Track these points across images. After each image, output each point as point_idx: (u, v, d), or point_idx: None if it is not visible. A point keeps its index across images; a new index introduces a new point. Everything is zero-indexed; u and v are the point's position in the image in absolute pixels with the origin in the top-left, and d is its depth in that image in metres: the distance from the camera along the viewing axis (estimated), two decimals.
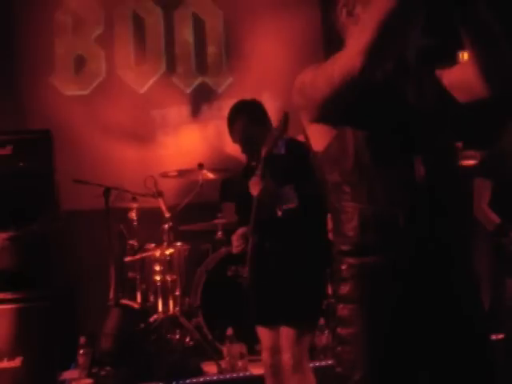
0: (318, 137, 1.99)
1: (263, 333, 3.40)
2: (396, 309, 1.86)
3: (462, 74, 1.96)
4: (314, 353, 4.66)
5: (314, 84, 1.94)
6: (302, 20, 6.41)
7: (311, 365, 4.31)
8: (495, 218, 4.12)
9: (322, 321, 4.79)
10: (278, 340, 3.29)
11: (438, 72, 2.04)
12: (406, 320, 1.84)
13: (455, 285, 1.90)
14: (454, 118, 2.02)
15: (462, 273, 1.93)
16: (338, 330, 1.91)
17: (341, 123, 1.91)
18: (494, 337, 4.51)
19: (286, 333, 3.21)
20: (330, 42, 6.47)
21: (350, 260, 1.90)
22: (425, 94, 1.97)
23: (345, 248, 1.92)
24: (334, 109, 1.90)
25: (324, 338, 4.66)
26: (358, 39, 1.75)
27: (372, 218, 1.87)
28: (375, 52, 1.71)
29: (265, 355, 3.40)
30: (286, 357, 3.20)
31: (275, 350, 3.31)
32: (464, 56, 6.48)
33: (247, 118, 3.43)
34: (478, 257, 5.06)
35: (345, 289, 1.90)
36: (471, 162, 5.00)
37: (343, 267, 1.92)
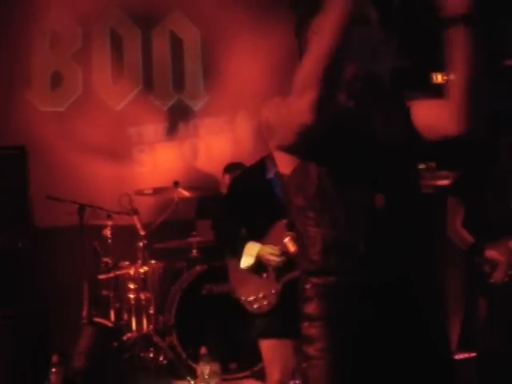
0: (284, 161, 2.04)
1: (280, 349, 3.35)
2: (358, 327, 1.89)
3: (430, 114, 2.00)
4: None
5: (275, 127, 2.01)
6: (279, 39, 6.45)
7: None
8: (468, 238, 4.17)
9: None
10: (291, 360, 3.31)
11: (408, 102, 2.08)
12: (368, 338, 1.87)
13: (413, 309, 1.93)
14: (418, 151, 2.07)
15: (421, 297, 1.95)
16: (304, 347, 1.93)
17: (305, 158, 1.96)
18: (466, 355, 4.55)
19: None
20: None
21: (314, 280, 1.95)
22: (392, 124, 2.01)
23: (309, 268, 1.96)
24: (297, 148, 1.94)
25: (299, 356, 4.65)
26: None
27: (334, 244, 1.92)
28: (320, 105, 1.79)
29: (275, 376, 3.34)
30: None
31: (287, 370, 3.32)
32: (438, 78, 6.58)
33: None
34: (451, 276, 5.13)
35: (310, 307, 1.94)
36: (445, 182, 5.06)
37: (307, 286, 1.96)
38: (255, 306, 3.31)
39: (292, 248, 3.25)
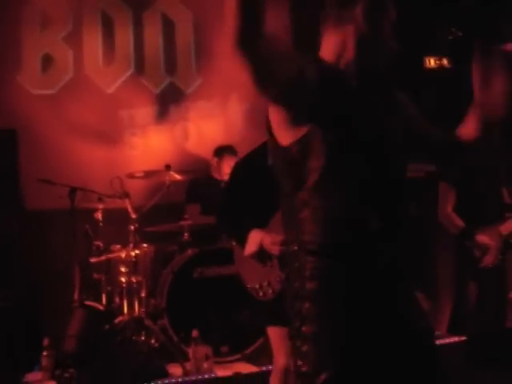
0: (285, 131, 2.00)
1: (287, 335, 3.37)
2: (358, 308, 1.90)
3: None
4: None
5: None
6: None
7: None
8: (459, 222, 4.19)
9: None
10: None
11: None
12: (367, 318, 1.88)
13: (398, 294, 2.00)
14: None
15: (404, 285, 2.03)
16: (303, 328, 1.92)
17: (314, 122, 1.93)
18: (456, 339, 4.59)
19: None
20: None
21: (316, 259, 1.92)
22: (391, 115, 2.03)
23: (312, 247, 1.94)
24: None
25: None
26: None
27: (343, 220, 1.92)
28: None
29: (281, 360, 3.32)
30: None
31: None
32: (430, 62, 6.57)
33: None
34: (442, 260, 5.15)
35: (311, 287, 1.92)
36: (436, 167, 5.06)
37: (309, 266, 1.93)
38: (260, 294, 3.29)
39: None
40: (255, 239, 3.26)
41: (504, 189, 4.28)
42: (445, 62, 6.47)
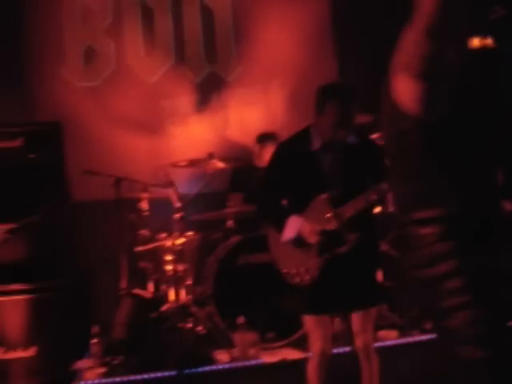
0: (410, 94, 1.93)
1: (321, 321, 3.38)
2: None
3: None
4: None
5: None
6: (311, 7, 6.39)
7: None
8: None
9: None
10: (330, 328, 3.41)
11: None
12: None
13: None
14: None
15: None
16: (446, 301, 1.89)
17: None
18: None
19: (367, 315, 3.34)
20: (339, 29, 6.45)
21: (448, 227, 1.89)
22: None
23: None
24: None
25: (336, 325, 4.67)
26: None
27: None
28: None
29: (318, 344, 3.37)
30: (369, 337, 3.37)
31: (328, 337, 3.38)
32: (474, 42, 6.44)
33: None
34: None
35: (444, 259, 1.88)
36: None
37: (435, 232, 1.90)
38: (297, 279, 3.31)
39: (333, 225, 3.24)
40: (294, 226, 3.27)
41: None
42: (489, 41, 6.34)
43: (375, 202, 3.29)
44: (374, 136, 4.86)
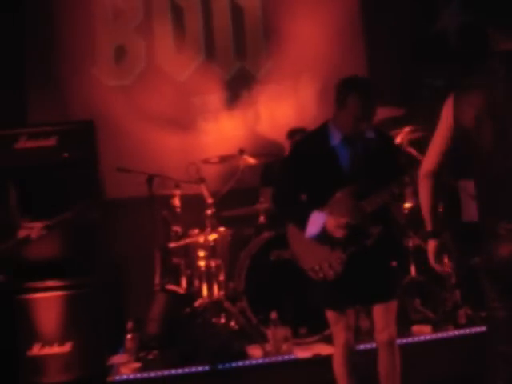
0: None
1: (344, 313, 3.40)
2: None
3: None
4: (358, 336, 4.65)
5: None
6: (340, 1, 6.36)
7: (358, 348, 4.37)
8: None
9: None
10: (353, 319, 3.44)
11: None
12: None
13: None
14: None
15: None
16: None
17: None
18: None
19: (389, 308, 3.36)
20: (368, 23, 6.41)
21: None
22: None
23: None
24: None
25: (368, 321, 4.66)
26: None
27: None
28: None
29: (341, 335, 3.42)
30: (393, 331, 3.37)
31: (351, 328, 3.42)
32: None
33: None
34: None
35: None
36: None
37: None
38: (321, 275, 3.30)
39: (357, 219, 3.23)
40: (318, 221, 3.26)
41: None
42: None
43: (397, 195, 3.29)
44: (403, 130, 4.84)
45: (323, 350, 4.41)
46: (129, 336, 4.49)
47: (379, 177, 3.26)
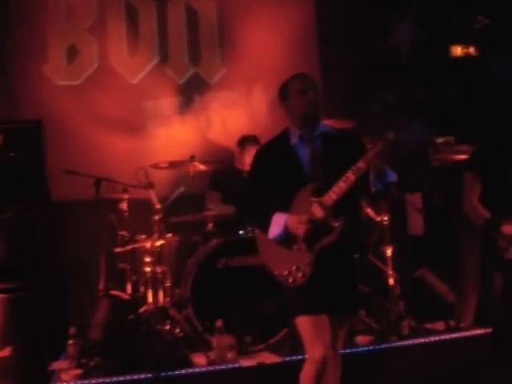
0: None
1: (319, 324, 3.25)
2: None
3: None
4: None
5: None
6: (296, 12, 6.41)
7: (300, 357, 4.35)
8: (485, 213, 4.15)
9: None
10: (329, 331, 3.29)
11: None
12: None
13: None
14: None
15: None
16: None
17: None
18: (482, 331, 4.56)
19: (346, 323, 3.36)
20: (323, 34, 6.48)
21: None
22: None
23: None
24: None
25: None
26: None
27: None
28: None
29: (318, 351, 3.20)
30: (341, 346, 3.35)
31: (329, 342, 3.26)
32: (457, 50, 6.50)
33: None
34: (468, 251, 5.12)
35: None
36: (463, 157, 5.02)
37: None
38: (290, 280, 3.21)
39: (319, 214, 3.16)
40: (279, 221, 3.22)
41: None
42: (471, 50, 6.41)
43: (356, 183, 3.13)
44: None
45: (268, 358, 4.40)
46: (71, 342, 4.40)
47: (340, 171, 3.17)
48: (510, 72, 5.46)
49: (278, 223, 3.22)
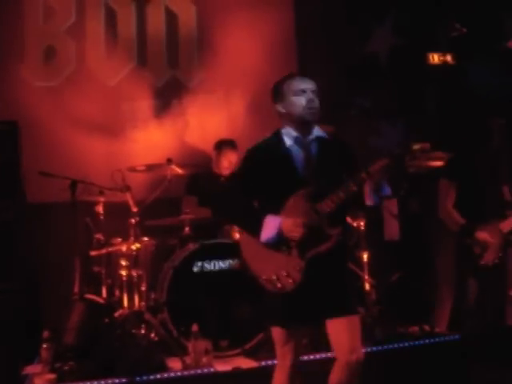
0: None
1: (296, 334, 3.19)
2: None
3: None
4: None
5: None
6: (275, 18, 6.42)
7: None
8: (460, 219, 4.18)
9: None
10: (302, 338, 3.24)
11: None
12: None
13: None
14: None
15: None
16: None
17: None
18: (456, 336, 4.59)
19: (353, 323, 3.11)
20: (302, 39, 6.50)
21: None
22: None
23: None
24: None
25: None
26: None
27: None
28: None
29: (288, 357, 3.17)
30: (361, 352, 3.09)
31: (300, 349, 3.22)
32: (434, 58, 6.55)
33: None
34: (442, 257, 5.15)
35: None
36: (438, 163, 5.06)
37: None
38: (279, 286, 3.05)
39: (314, 221, 3.04)
40: (273, 223, 3.07)
41: (505, 186, 4.27)
42: (448, 58, 6.47)
43: (355, 193, 3.05)
44: None
45: (243, 363, 4.40)
46: (44, 346, 4.36)
47: (335, 177, 3.10)
48: (485, 81, 5.52)
49: (270, 226, 3.08)
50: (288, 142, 3.21)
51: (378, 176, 3.02)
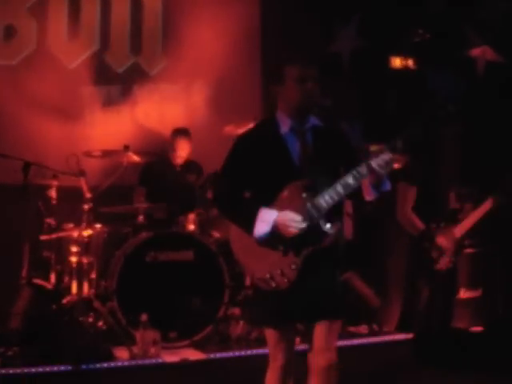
0: None
1: (288, 334, 3.03)
2: None
3: None
4: (228, 343, 4.66)
5: None
6: (242, 11, 6.39)
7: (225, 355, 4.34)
8: (419, 223, 4.23)
9: (237, 311, 4.83)
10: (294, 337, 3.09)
11: None
12: None
13: None
14: None
15: None
16: None
17: None
18: (403, 336, 4.65)
19: (334, 327, 2.96)
20: (266, 34, 6.50)
21: None
22: None
23: None
24: None
25: (239, 328, 4.70)
26: None
27: None
28: None
29: (280, 357, 2.99)
30: (335, 354, 2.94)
31: (292, 348, 3.05)
32: (396, 62, 6.63)
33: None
34: (394, 259, 5.20)
35: None
36: (396, 166, 5.10)
37: None
38: (273, 285, 2.87)
39: (314, 215, 2.86)
40: (266, 217, 2.88)
41: (452, 193, 4.33)
42: (410, 62, 6.54)
43: (354, 188, 2.88)
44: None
45: (192, 354, 4.40)
46: None
47: (331, 169, 2.94)
48: (444, 87, 5.60)
49: (264, 220, 2.88)
50: (284, 128, 3.01)
51: (380, 171, 2.83)
